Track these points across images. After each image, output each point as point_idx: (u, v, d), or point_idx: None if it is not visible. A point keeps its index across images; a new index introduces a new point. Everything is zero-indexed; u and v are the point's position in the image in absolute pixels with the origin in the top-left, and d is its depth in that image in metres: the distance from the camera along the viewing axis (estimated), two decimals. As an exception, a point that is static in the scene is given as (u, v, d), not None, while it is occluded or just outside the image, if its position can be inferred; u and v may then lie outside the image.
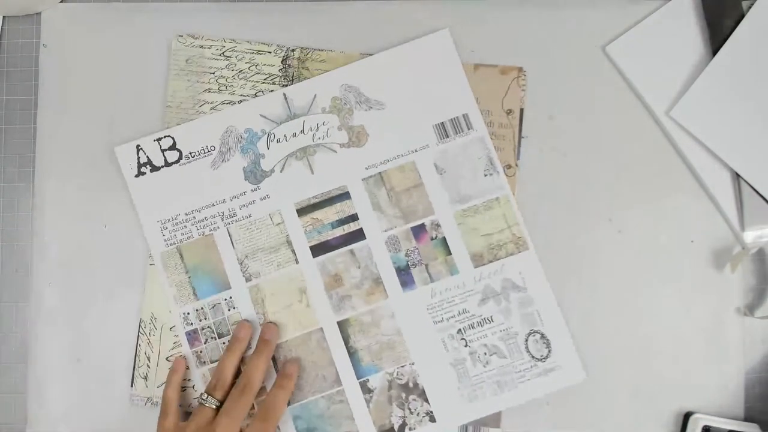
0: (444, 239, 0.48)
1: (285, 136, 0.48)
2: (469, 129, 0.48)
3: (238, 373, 0.45)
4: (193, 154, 0.48)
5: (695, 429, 0.46)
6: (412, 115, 0.48)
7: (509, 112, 0.49)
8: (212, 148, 0.48)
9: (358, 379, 0.47)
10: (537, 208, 0.48)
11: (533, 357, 0.47)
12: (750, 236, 0.47)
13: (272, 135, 0.48)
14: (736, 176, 0.48)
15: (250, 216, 0.48)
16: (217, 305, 0.48)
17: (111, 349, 0.48)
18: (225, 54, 0.49)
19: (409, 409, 0.47)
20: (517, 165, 0.48)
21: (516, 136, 0.49)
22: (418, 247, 0.48)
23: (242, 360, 0.46)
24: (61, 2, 0.50)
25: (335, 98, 0.48)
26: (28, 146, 0.50)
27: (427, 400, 0.47)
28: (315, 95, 0.49)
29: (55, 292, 0.48)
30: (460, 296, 0.47)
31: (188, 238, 0.48)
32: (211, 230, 0.48)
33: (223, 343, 0.47)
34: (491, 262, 0.47)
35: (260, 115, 0.49)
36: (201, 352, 0.47)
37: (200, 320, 0.47)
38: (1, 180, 0.50)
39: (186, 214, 0.48)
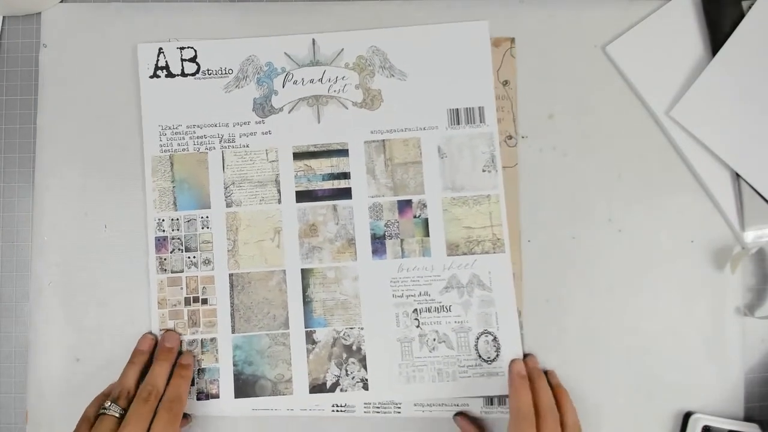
0: (426, 220, 0.48)
1: (303, 79, 0.49)
2: (480, 122, 0.48)
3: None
4: (210, 72, 0.49)
5: (695, 429, 0.46)
6: (430, 94, 0.49)
7: (506, 83, 0.49)
8: (230, 71, 0.49)
9: (305, 327, 0.48)
10: (537, 207, 0.48)
11: (480, 356, 0.47)
12: (750, 236, 0.47)
13: (291, 75, 0.49)
14: (736, 176, 0.48)
15: (247, 146, 0.49)
16: (192, 220, 0.48)
17: (111, 349, 0.48)
18: None
19: (346, 370, 0.47)
20: (519, 135, 0.49)
21: (514, 107, 0.49)
22: (399, 221, 0.48)
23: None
24: (61, 2, 0.50)
25: (361, 57, 0.49)
26: (28, 146, 0.50)
27: (365, 367, 0.47)
28: (342, 49, 0.49)
29: (55, 292, 0.48)
30: (425, 278, 0.48)
31: (183, 149, 0.49)
32: (206, 148, 0.49)
33: (188, 257, 0.48)
34: (465, 254, 0.48)
35: (285, 52, 0.49)
36: (165, 259, 0.48)
37: (173, 230, 0.48)
38: (1, 180, 0.50)
39: (187, 127, 0.49)
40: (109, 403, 0.42)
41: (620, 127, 0.49)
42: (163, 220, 0.48)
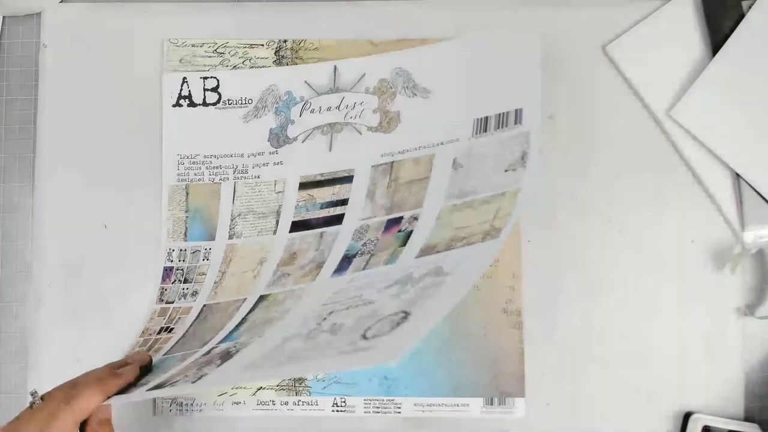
0: (410, 232, 0.45)
1: (320, 107, 0.48)
2: (516, 123, 0.46)
3: None
4: (230, 102, 0.48)
5: (695, 429, 0.46)
6: (455, 107, 0.47)
7: None
8: (249, 101, 0.48)
9: (217, 344, 0.42)
10: (537, 207, 0.48)
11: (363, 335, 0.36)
12: (750, 236, 0.47)
13: (309, 104, 0.48)
14: (736, 176, 0.48)
15: (258, 177, 0.48)
16: (197, 252, 0.47)
17: (111, 349, 0.48)
18: (218, 51, 0.49)
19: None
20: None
21: None
22: (380, 238, 0.46)
23: None
24: (61, 2, 0.50)
25: (383, 80, 0.48)
26: (28, 146, 0.50)
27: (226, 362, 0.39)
28: (364, 74, 0.48)
29: (55, 292, 0.48)
30: (369, 285, 0.41)
31: (199, 179, 0.48)
32: (221, 179, 0.48)
33: (183, 289, 0.47)
34: (438, 252, 0.42)
35: (305, 81, 0.48)
36: (165, 290, 0.47)
37: (179, 261, 0.47)
38: (1, 180, 0.50)
39: (205, 157, 0.48)
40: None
41: (620, 127, 0.49)
42: (173, 251, 0.48)
